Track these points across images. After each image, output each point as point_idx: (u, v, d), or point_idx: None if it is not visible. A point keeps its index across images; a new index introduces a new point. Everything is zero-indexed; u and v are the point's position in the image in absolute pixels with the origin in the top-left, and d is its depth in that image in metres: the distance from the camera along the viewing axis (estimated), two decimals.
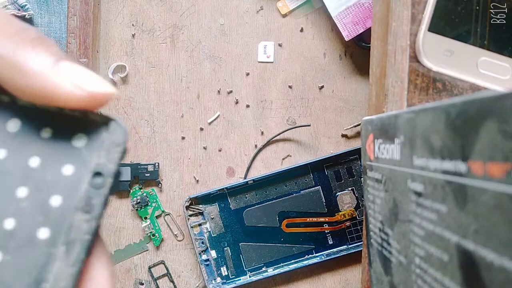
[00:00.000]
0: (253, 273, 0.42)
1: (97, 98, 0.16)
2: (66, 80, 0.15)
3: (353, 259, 0.42)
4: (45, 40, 0.16)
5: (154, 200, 0.43)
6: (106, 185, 0.16)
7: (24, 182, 0.16)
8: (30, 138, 0.16)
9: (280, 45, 0.43)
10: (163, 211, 0.43)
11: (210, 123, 0.44)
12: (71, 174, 0.16)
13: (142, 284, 0.43)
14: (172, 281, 0.43)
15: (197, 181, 0.44)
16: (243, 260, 0.42)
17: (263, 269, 0.42)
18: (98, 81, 0.16)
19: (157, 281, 0.43)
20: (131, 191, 0.43)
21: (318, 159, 0.41)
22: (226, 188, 0.42)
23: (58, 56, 0.16)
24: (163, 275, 0.43)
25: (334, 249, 0.42)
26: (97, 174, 0.16)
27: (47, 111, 0.16)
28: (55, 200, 0.16)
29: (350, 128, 0.43)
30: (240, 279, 0.42)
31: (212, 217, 0.42)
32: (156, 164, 0.43)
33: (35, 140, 0.16)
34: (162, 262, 0.43)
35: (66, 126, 0.17)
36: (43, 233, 0.16)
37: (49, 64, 0.15)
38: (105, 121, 0.17)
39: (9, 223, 0.16)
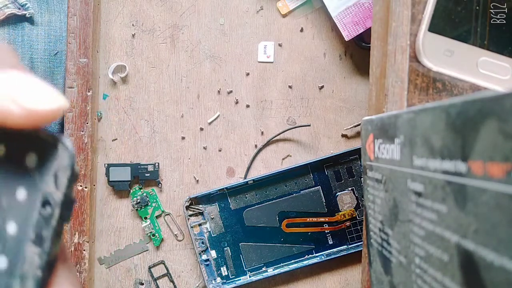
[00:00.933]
0: (253, 273, 0.42)
1: (38, 116, 0.14)
2: (3, 94, 0.14)
3: (353, 259, 0.42)
4: None
5: (154, 200, 0.43)
6: (54, 216, 0.15)
7: None
8: None
9: (280, 45, 0.43)
10: (163, 211, 0.43)
11: (210, 123, 0.44)
12: (24, 199, 0.15)
13: (142, 284, 0.43)
14: (172, 281, 0.43)
15: (197, 181, 0.44)
16: (243, 260, 0.42)
17: (263, 269, 0.42)
18: (42, 95, 0.14)
19: (157, 281, 0.43)
20: (131, 191, 0.43)
21: (318, 159, 0.41)
22: (226, 188, 0.42)
23: (2, 65, 0.14)
24: (163, 275, 0.43)
25: (334, 249, 0.42)
26: (46, 202, 0.15)
27: None
28: (11, 227, 0.15)
29: (350, 128, 0.43)
30: (240, 279, 0.42)
31: (212, 217, 0.42)
32: (156, 164, 0.43)
33: None
34: (162, 262, 0.43)
35: (19, 143, 0.15)
36: (1, 262, 0.15)
37: None
38: (54, 142, 0.15)
39: None
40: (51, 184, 0.15)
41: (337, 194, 0.42)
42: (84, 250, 0.41)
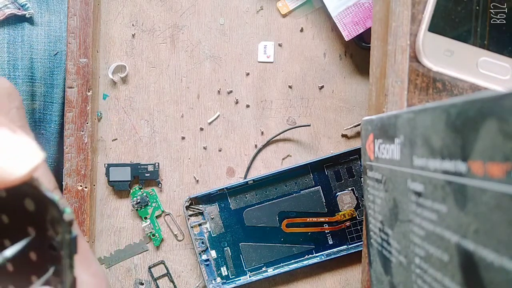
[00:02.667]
0: (253, 273, 0.42)
1: (13, 182, 0.15)
2: None
3: (353, 259, 0.42)
4: None
5: (154, 200, 0.43)
6: (61, 256, 0.16)
7: None
8: None
9: (280, 45, 0.43)
10: (163, 211, 0.43)
11: (210, 123, 0.44)
12: (34, 236, 0.17)
13: (142, 284, 0.43)
14: (172, 281, 0.43)
15: (197, 181, 0.44)
16: (243, 260, 0.42)
17: (263, 269, 0.42)
18: (15, 161, 0.15)
19: (157, 281, 0.43)
20: (131, 191, 0.43)
21: (318, 159, 0.41)
22: (226, 188, 0.42)
23: None
24: (163, 275, 0.43)
25: (334, 249, 0.42)
26: (51, 246, 0.16)
27: None
28: (32, 255, 0.17)
29: (350, 128, 0.43)
30: (240, 279, 0.42)
31: (212, 217, 0.42)
32: (156, 164, 0.43)
33: None
34: (162, 262, 0.43)
35: (16, 189, 0.16)
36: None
37: None
38: (41, 196, 0.16)
39: None
40: (51, 230, 0.16)
41: (337, 194, 0.42)
42: None
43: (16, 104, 0.18)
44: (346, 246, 0.42)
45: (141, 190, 0.43)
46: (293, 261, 0.42)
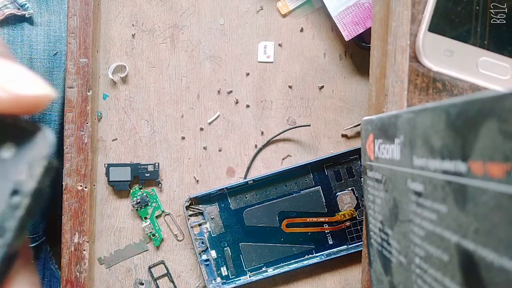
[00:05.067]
0: (253, 273, 0.42)
1: (25, 102, 0.14)
2: None
3: (353, 259, 0.42)
4: None
5: (154, 200, 0.43)
6: (22, 206, 0.14)
7: None
8: None
9: (280, 45, 0.43)
10: (163, 211, 0.43)
11: (210, 123, 0.44)
12: None
13: (142, 284, 0.43)
14: (172, 281, 0.43)
15: (197, 181, 0.44)
16: (243, 260, 0.42)
17: (263, 269, 0.42)
18: (28, 81, 0.14)
19: (157, 281, 0.43)
20: (131, 191, 0.43)
21: (318, 159, 0.41)
22: (226, 188, 0.42)
23: None
24: (163, 275, 0.43)
25: (334, 249, 0.42)
26: (15, 192, 0.14)
27: None
28: None
29: (350, 128, 0.43)
30: (240, 279, 0.42)
31: (212, 217, 0.42)
32: (156, 164, 0.43)
33: None
34: (162, 262, 0.43)
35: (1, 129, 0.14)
36: None
37: None
38: (33, 130, 0.14)
39: None
40: (24, 173, 0.14)
41: (337, 194, 0.42)
42: (84, 250, 0.41)
43: None
44: (346, 246, 0.42)
45: (141, 190, 0.43)
46: (293, 261, 0.42)
